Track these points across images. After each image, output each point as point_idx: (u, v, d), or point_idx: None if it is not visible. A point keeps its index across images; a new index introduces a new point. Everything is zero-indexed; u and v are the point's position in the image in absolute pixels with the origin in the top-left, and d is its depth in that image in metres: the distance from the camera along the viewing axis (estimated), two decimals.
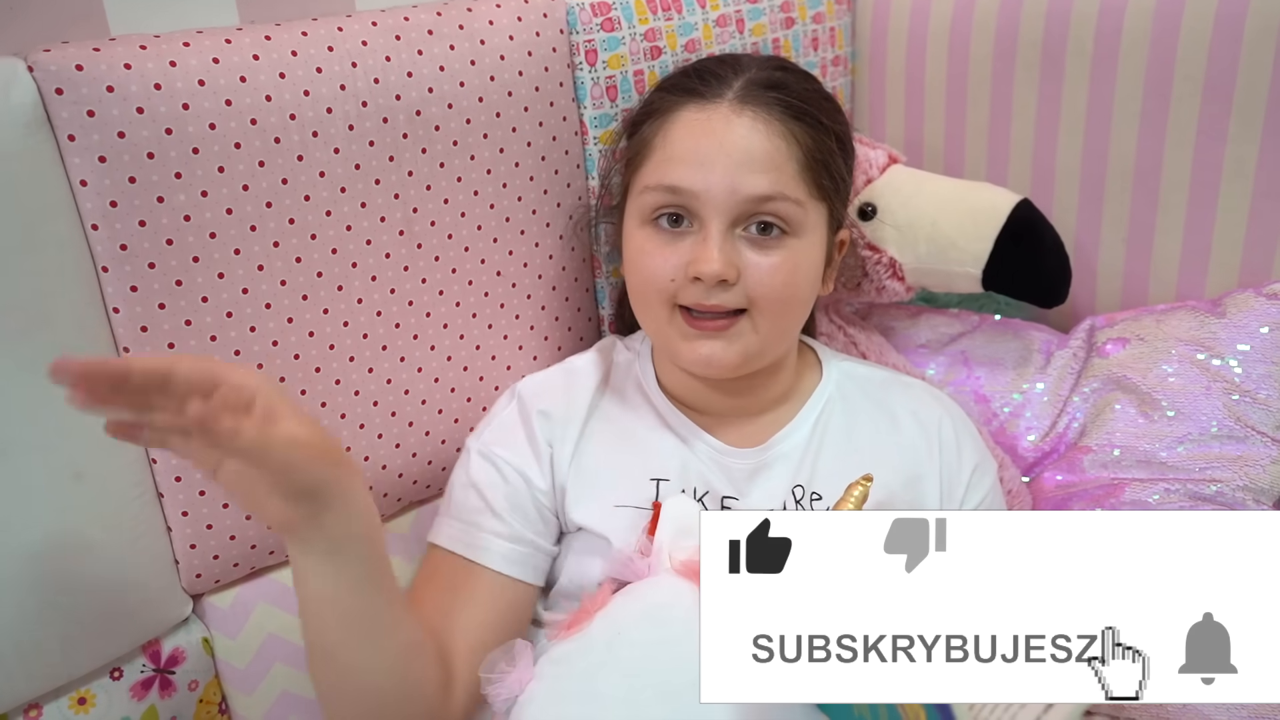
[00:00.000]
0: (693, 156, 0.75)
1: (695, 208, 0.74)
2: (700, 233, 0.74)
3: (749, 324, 0.74)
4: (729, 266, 0.72)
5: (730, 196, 0.73)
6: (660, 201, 0.75)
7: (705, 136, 0.75)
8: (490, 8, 0.84)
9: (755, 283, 0.73)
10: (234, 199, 0.71)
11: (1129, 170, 0.98)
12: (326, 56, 0.74)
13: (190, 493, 0.75)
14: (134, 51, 0.67)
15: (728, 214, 0.73)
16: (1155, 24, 0.92)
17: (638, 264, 0.77)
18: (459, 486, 0.77)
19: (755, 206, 0.73)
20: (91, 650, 0.73)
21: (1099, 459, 0.92)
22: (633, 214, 0.79)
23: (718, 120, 0.75)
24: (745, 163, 0.73)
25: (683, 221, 0.75)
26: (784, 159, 0.74)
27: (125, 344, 0.70)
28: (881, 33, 1.13)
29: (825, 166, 0.77)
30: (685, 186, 0.74)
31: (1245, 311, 0.91)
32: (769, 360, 0.78)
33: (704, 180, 0.73)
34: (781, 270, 0.74)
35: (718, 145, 0.74)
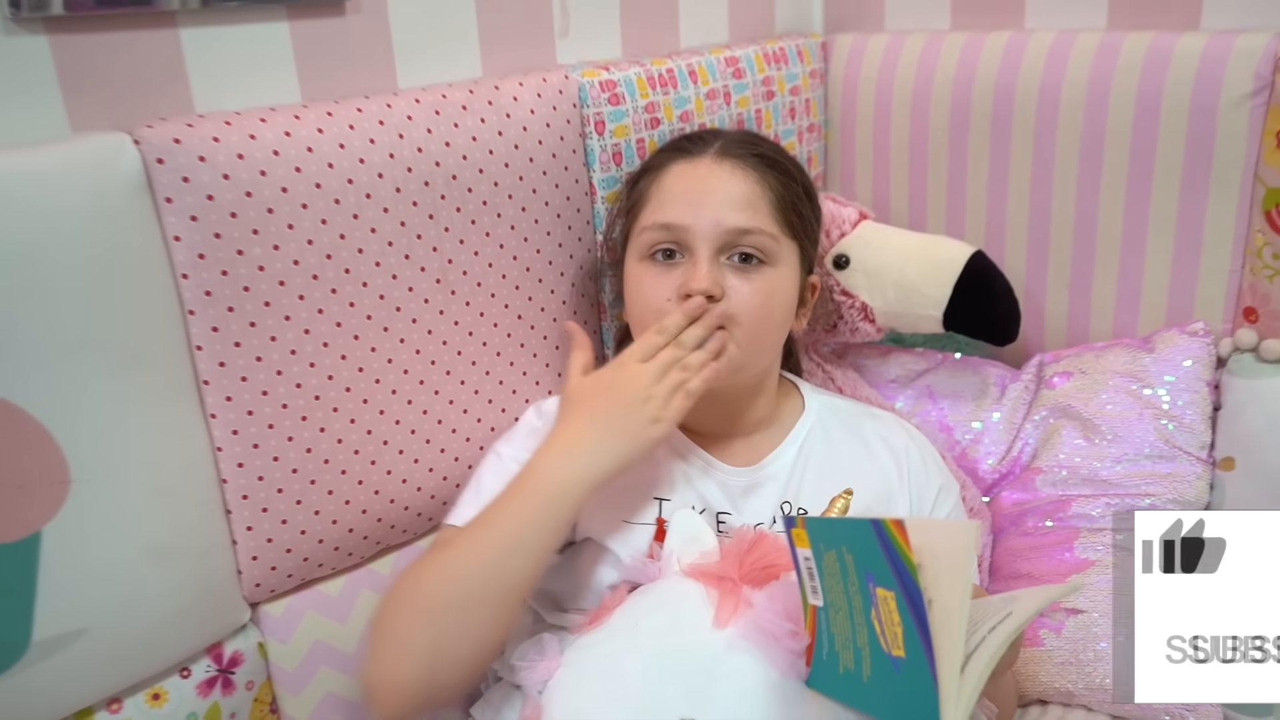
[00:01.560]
0: (683, 198, 0.88)
1: (686, 240, 0.86)
2: (690, 260, 0.86)
3: (730, 338, 0.86)
4: (715, 284, 0.84)
5: (715, 228, 0.86)
6: (656, 239, 0.88)
7: (693, 181, 0.89)
8: (514, 86, 0.96)
9: (737, 302, 0.85)
10: (300, 252, 0.82)
11: (1069, 225, 1.11)
12: (378, 129, 0.86)
13: (255, 510, 0.84)
14: (220, 127, 0.78)
15: (713, 243, 0.86)
16: (1088, 100, 1.06)
17: (637, 293, 0.89)
18: (487, 478, 0.87)
19: (736, 238, 0.86)
20: (166, 651, 0.82)
21: (1049, 478, 1.04)
22: (632, 254, 0.91)
23: (703, 168, 0.89)
24: (727, 201, 0.87)
25: (675, 255, 0.88)
26: (759, 199, 0.88)
27: (205, 378, 0.80)
28: (851, 104, 1.27)
29: (794, 208, 0.90)
30: (677, 223, 0.87)
31: (1171, 347, 1.04)
32: (751, 374, 0.90)
33: (693, 216, 0.86)
34: (760, 293, 0.86)
35: (704, 188, 0.88)
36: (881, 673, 0.61)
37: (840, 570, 0.64)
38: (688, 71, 1.09)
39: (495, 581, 0.76)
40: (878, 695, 0.62)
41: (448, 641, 0.75)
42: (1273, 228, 0.98)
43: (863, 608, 0.62)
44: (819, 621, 0.69)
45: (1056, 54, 1.08)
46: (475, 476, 0.90)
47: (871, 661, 0.62)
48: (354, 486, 0.90)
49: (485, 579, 0.76)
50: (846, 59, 1.27)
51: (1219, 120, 0.98)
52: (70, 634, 0.75)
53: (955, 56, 1.16)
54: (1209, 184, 1.00)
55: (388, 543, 0.96)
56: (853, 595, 0.63)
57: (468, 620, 0.75)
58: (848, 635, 0.64)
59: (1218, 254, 1.02)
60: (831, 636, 0.67)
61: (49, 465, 0.72)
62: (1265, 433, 0.96)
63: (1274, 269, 0.98)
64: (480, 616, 0.76)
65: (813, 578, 0.69)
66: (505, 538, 0.77)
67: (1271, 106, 0.96)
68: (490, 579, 0.76)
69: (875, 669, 0.62)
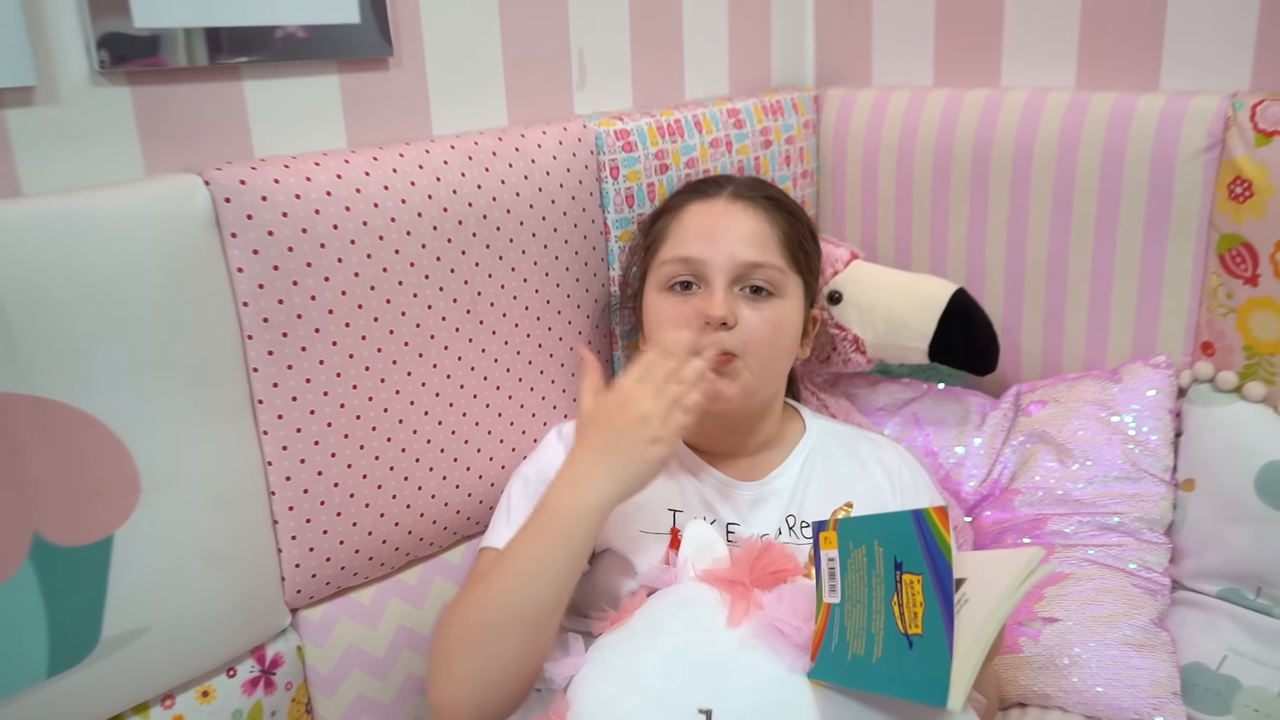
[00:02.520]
0: (701, 235, 0.97)
1: (703, 272, 0.95)
2: (707, 290, 0.95)
3: (744, 365, 0.94)
4: (730, 312, 0.93)
5: (730, 261, 0.94)
6: (675, 271, 0.97)
7: (710, 220, 0.97)
8: (538, 134, 1.05)
9: (749, 330, 0.94)
10: (348, 283, 0.90)
11: (1043, 265, 1.21)
12: (417, 173, 0.94)
13: (299, 520, 0.91)
14: (280, 170, 0.86)
15: (728, 275, 0.94)
16: (1058, 153, 1.16)
17: (658, 320, 0.97)
18: (515, 500, 0.94)
19: (748, 271, 0.95)
20: (215, 651, 0.88)
21: (1026, 499, 1.13)
22: (652, 286, 0.99)
23: (719, 208, 0.98)
24: (741, 238, 0.96)
25: (692, 286, 0.96)
26: (769, 237, 0.97)
27: (260, 397, 0.87)
28: (841, 152, 1.37)
29: (800, 245, 0.99)
30: (696, 256, 0.95)
31: (1136, 378, 1.13)
32: (761, 399, 0.98)
33: (710, 251, 0.95)
34: (769, 322, 0.95)
35: (720, 225, 0.97)
36: (894, 652, 0.69)
37: (867, 563, 0.72)
38: (693, 122, 1.18)
39: (522, 608, 0.81)
40: (887, 673, 0.69)
41: (488, 666, 0.80)
42: (1226, 270, 1.08)
43: (884, 596, 0.70)
44: (831, 617, 0.76)
45: (1030, 110, 1.18)
46: (504, 499, 0.96)
47: (885, 643, 0.69)
48: (388, 500, 0.97)
49: (513, 607, 0.81)
50: (837, 111, 1.36)
51: (1177, 173, 1.08)
52: (134, 631, 0.81)
53: (938, 111, 1.26)
54: (1168, 230, 1.10)
55: (416, 555, 1.02)
56: (875, 586, 0.71)
57: (503, 645, 0.81)
58: (862, 624, 0.72)
59: (1177, 294, 1.12)
60: (843, 629, 0.75)
61: (122, 475, 0.79)
62: (1222, 456, 1.05)
63: (1228, 307, 1.08)
64: (513, 641, 0.81)
65: (833, 577, 0.77)
66: (528, 568, 0.82)
67: (1223, 161, 1.06)
68: (517, 606, 0.81)
69: (888, 649, 0.69)
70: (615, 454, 0.83)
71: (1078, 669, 0.99)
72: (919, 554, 0.67)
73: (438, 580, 1.04)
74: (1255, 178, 1.02)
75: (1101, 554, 1.06)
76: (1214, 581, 1.05)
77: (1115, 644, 1.00)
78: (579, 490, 0.83)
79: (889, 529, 0.72)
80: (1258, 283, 1.05)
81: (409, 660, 1.01)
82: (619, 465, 0.83)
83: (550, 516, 0.83)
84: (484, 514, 1.05)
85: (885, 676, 0.71)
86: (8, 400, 0.72)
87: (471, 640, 0.81)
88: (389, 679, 1.00)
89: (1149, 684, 0.98)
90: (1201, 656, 1.01)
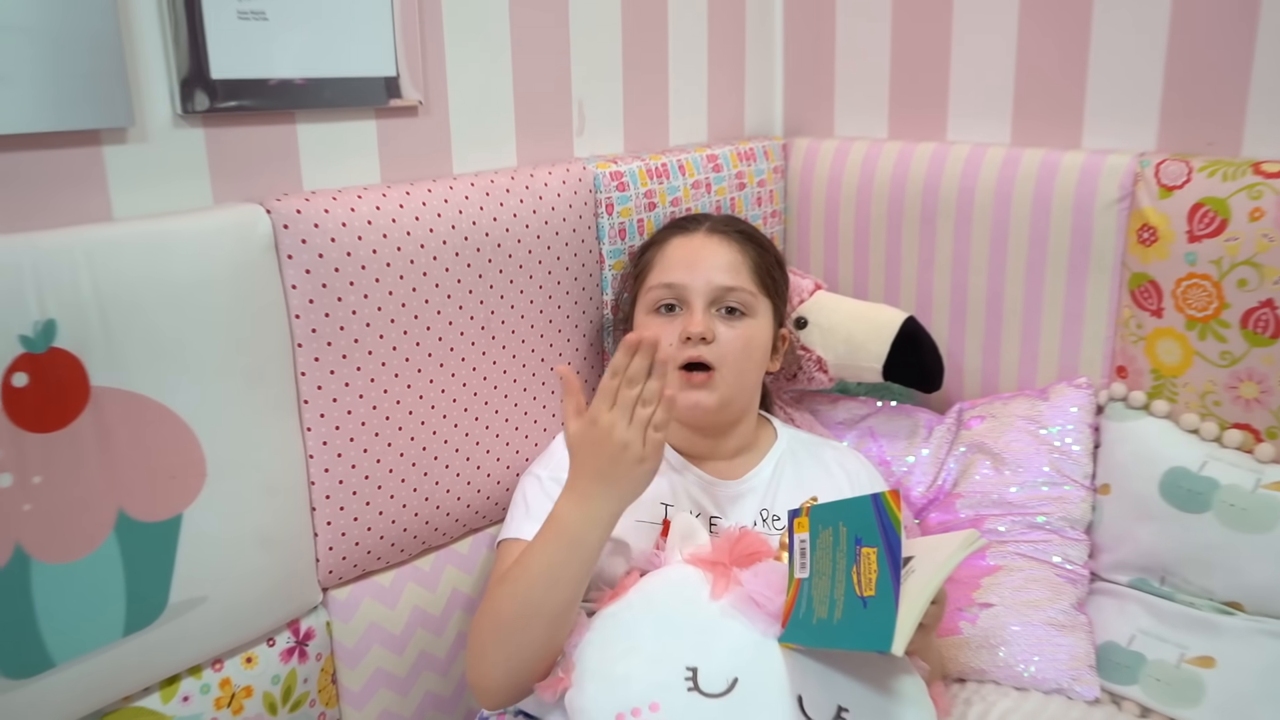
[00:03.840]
0: (683, 264, 1.12)
1: (685, 296, 1.10)
2: (688, 311, 1.09)
3: (720, 378, 1.08)
4: (708, 329, 1.07)
5: (707, 286, 1.09)
6: (661, 295, 1.11)
7: (690, 251, 1.13)
8: (545, 174, 1.20)
9: (724, 345, 1.08)
10: (383, 300, 1.03)
11: (982, 297, 1.37)
12: (443, 206, 1.08)
13: (334, 508, 1.03)
14: (329, 201, 0.99)
15: (706, 298, 1.09)
16: (995, 200, 1.33)
17: None
18: (531, 497, 1.07)
19: (723, 294, 1.10)
20: (259, 621, 1.00)
21: (967, 502, 1.28)
22: (641, 308, 1.14)
23: (698, 241, 1.14)
24: (716, 266, 1.11)
25: (675, 308, 1.11)
26: (741, 264, 1.12)
27: (305, 398, 1.00)
28: (806, 195, 1.53)
29: (768, 272, 1.15)
30: (679, 282, 1.10)
31: (1062, 397, 1.29)
32: (736, 407, 1.12)
33: (690, 277, 1.10)
34: (741, 338, 1.10)
35: (699, 256, 1.12)
36: (851, 612, 0.83)
37: (833, 542, 0.87)
38: (678, 166, 1.34)
39: (542, 606, 0.92)
40: (846, 630, 0.84)
41: (516, 652, 0.93)
42: (1136, 304, 1.25)
43: (845, 567, 0.84)
44: (801, 590, 0.90)
45: (971, 162, 1.35)
46: (520, 496, 1.09)
47: (845, 605, 0.84)
48: (409, 493, 1.09)
49: (533, 606, 0.92)
50: (803, 158, 1.53)
51: (1094, 220, 1.25)
52: (195, 599, 0.93)
53: (892, 160, 1.43)
54: (1088, 269, 1.27)
55: (430, 544, 1.15)
56: (838, 560, 0.86)
57: (528, 636, 0.92)
58: (826, 593, 0.86)
59: (1096, 324, 1.28)
60: (810, 598, 0.89)
61: (193, 460, 0.91)
62: (1132, 464, 1.21)
63: (1138, 336, 1.25)
64: (536, 633, 0.92)
65: (804, 555, 0.92)
66: (544, 573, 0.92)
67: (1133, 211, 1.23)
68: (537, 605, 0.92)
69: (846, 610, 0.83)
70: (610, 478, 0.92)
71: (1008, 647, 1.14)
72: (876, 530, 0.82)
73: (448, 568, 1.16)
74: (1159, 225, 1.20)
75: (1030, 549, 1.21)
76: (1126, 572, 1.20)
77: (1041, 625, 1.15)
78: (585, 505, 0.92)
79: (853, 511, 0.87)
80: (1162, 315, 1.22)
81: (422, 638, 1.13)
82: (616, 486, 0.92)
83: (563, 529, 0.92)
84: (490, 509, 1.19)
85: (844, 633, 0.85)
86: (105, 393, 0.84)
87: (502, 634, 0.93)
88: (404, 654, 1.12)
89: (1069, 659, 1.13)
90: (1114, 636, 1.16)
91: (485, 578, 1.18)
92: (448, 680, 1.16)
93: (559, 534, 0.93)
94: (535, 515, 1.04)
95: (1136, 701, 1.11)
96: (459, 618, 1.16)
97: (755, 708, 0.87)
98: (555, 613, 0.92)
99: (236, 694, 0.98)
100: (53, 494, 0.82)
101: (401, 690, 1.13)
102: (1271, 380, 1.13)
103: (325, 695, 1.07)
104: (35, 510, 0.82)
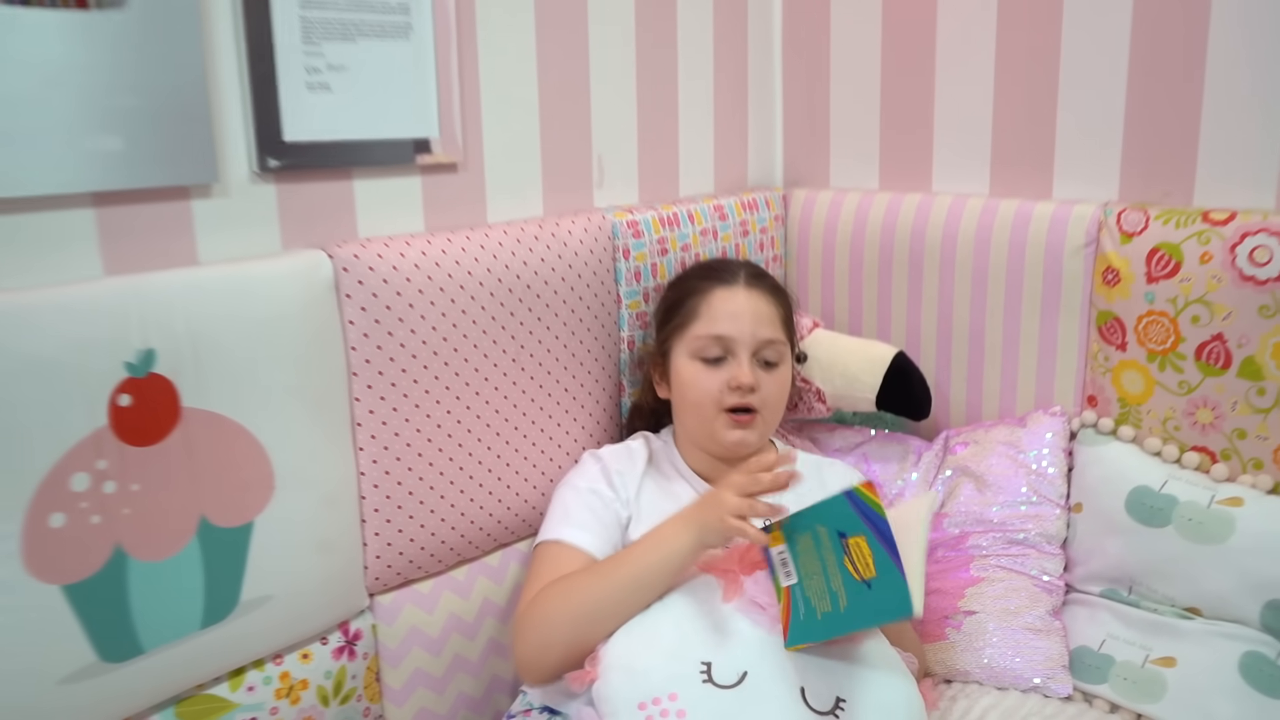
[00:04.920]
0: (728, 316, 1.24)
1: (731, 347, 1.23)
2: (734, 361, 1.22)
3: (762, 419, 1.22)
4: (756, 379, 1.21)
5: (753, 339, 1.23)
6: (708, 346, 1.24)
7: (735, 304, 1.25)
8: (569, 223, 1.33)
9: (766, 391, 1.22)
10: (429, 336, 1.16)
11: (965, 334, 1.50)
12: (479, 251, 1.22)
13: (381, 521, 1.15)
14: (382, 248, 1.13)
15: (750, 349, 1.23)
16: (975, 244, 1.46)
17: (695, 384, 1.23)
18: (572, 505, 1.18)
19: (764, 345, 1.23)
20: (315, 621, 1.11)
21: (953, 520, 1.39)
22: (683, 353, 1.26)
23: (740, 294, 1.26)
24: (758, 319, 1.24)
25: (721, 358, 1.23)
26: (775, 317, 1.26)
27: (359, 421, 1.12)
28: (804, 241, 1.66)
29: (790, 321, 1.28)
30: (727, 334, 1.23)
31: (1038, 424, 1.41)
32: (766, 441, 1.25)
33: (737, 329, 1.23)
34: (779, 384, 1.24)
35: (742, 309, 1.24)
36: (857, 596, 0.94)
37: (814, 544, 0.98)
38: (687, 215, 1.48)
39: (622, 604, 1.05)
40: (858, 613, 0.94)
41: (582, 637, 1.05)
42: (1103, 339, 1.37)
43: (836, 561, 0.95)
44: (793, 596, 1.01)
45: (953, 211, 1.49)
46: (559, 504, 1.21)
47: (847, 594, 0.94)
48: (448, 509, 1.21)
49: (616, 602, 1.05)
50: (801, 208, 1.67)
51: (1064, 262, 1.38)
52: (262, 598, 1.05)
53: (882, 209, 1.56)
54: (1059, 307, 1.40)
55: (464, 556, 1.26)
56: (826, 557, 0.96)
57: (599, 625, 1.05)
58: (822, 588, 0.97)
59: (1068, 357, 1.41)
60: (807, 599, 1.00)
61: (264, 474, 1.04)
62: (1102, 484, 1.32)
63: (1105, 368, 1.38)
64: (608, 624, 1.05)
65: (785, 565, 1.03)
66: (634, 577, 1.06)
67: (1098, 255, 1.36)
68: (619, 603, 1.05)
69: (851, 597, 0.94)
70: (700, 523, 1.05)
71: (990, 649, 1.25)
72: (858, 521, 0.94)
73: (480, 579, 1.28)
74: (1121, 267, 1.33)
75: (1010, 562, 1.32)
76: (1097, 583, 1.32)
77: (1019, 629, 1.26)
78: (684, 536, 1.05)
79: (827, 512, 0.98)
80: (1126, 349, 1.34)
81: (456, 642, 1.24)
82: (706, 533, 1.05)
83: (660, 545, 1.06)
84: (518, 525, 1.31)
85: (857, 616, 0.95)
86: (193, 413, 0.97)
87: (578, 618, 1.06)
88: (440, 656, 1.23)
89: (1044, 659, 1.24)
90: (1087, 641, 1.27)
91: (514, 589, 1.30)
92: (479, 681, 1.28)
93: (657, 546, 1.07)
94: (575, 520, 1.16)
95: (1106, 699, 1.22)
96: (489, 625, 1.28)
97: (763, 697, 0.98)
98: (629, 611, 1.05)
99: (294, 686, 1.09)
100: (148, 500, 0.95)
101: (437, 690, 1.24)
102: (1224, 407, 1.26)
103: (370, 691, 1.18)
104: (133, 514, 0.94)
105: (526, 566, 1.29)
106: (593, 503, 1.19)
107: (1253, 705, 1.13)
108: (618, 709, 1.00)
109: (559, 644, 1.06)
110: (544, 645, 1.07)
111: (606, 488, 1.21)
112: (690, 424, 1.26)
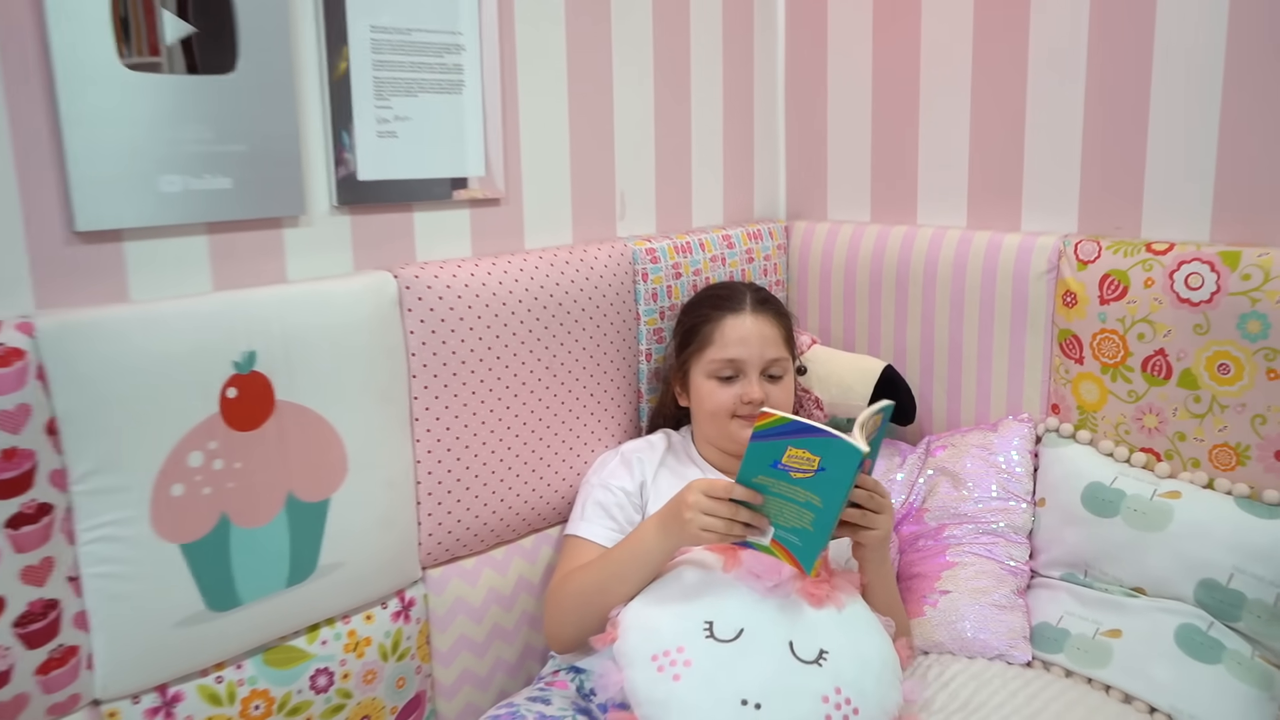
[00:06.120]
0: (739, 341, 1.43)
1: (742, 367, 1.42)
2: (745, 379, 1.41)
3: None
4: (763, 395, 1.40)
5: (760, 359, 1.42)
6: (722, 368, 1.43)
7: (744, 330, 1.44)
8: (595, 249, 1.53)
9: (772, 400, 1.41)
10: (475, 345, 1.36)
11: (945, 350, 1.68)
12: (519, 274, 1.42)
13: (434, 503, 1.35)
14: (437, 269, 1.33)
15: (758, 368, 1.42)
16: (954, 270, 1.65)
17: (712, 398, 1.42)
18: (588, 504, 1.38)
19: (770, 363, 1.42)
20: (378, 587, 1.30)
21: (933, 515, 1.57)
22: (700, 372, 1.45)
23: (747, 320, 1.45)
24: (764, 341, 1.43)
25: (733, 376, 1.42)
26: (778, 337, 1.45)
27: (416, 416, 1.32)
28: (804, 267, 1.86)
29: (791, 339, 1.47)
30: (738, 358, 1.42)
31: (1009, 429, 1.59)
32: None
33: (747, 353, 1.42)
34: (783, 393, 1.43)
35: (751, 334, 1.43)
36: (820, 486, 1.09)
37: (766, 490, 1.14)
38: (699, 243, 1.67)
39: (608, 593, 1.24)
40: (830, 495, 1.09)
41: (585, 617, 1.25)
42: (1064, 354, 1.55)
43: (788, 483, 1.11)
44: (781, 541, 1.18)
45: (935, 242, 1.68)
46: (581, 502, 1.41)
47: (814, 492, 1.09)
48: (489, 496, 1.40)
49: (603, 591, 1.24)
50: (801, 237, 1.86)
51: (1030, 286, 1.57)
52: (336, 564, 1.24)
53: (873, 239, 1.76)
54: (1026, 326, 1.58)
55: (502, 538, 1.45)
56: (780, 489, 1.12)
57: (595, 607, 1.24)
58: (796, 510, 1.12)
59: (1035, 370, 1.59)
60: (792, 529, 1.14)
61: (339, 458, 1.23)
62: (1062, 481, 1.50)
63: (1066, 379, 1.56)
64: (602, 608, 1.24)
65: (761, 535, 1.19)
66: (615, 571, 1.25)
67: (1059, 280, 1.54)
68: (606, 591, 1.24)
69: (818, 491, 1.09)
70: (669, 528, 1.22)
71: (961, 623, 1.42)
72: (778, 444, 1.10)
73: (516, 559, 1.46)
74: (1078, 291, 1.51)
75: (982, 549, 1.50)
76: (1058, 569, 1.49)
77: (987, 606, 1.43)
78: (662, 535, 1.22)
79: (753, 462, 1.13)
80: (1083, 362, 1.52)
81: (495, 613, 1.43)
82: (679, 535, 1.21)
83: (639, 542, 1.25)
84: (549, 513, 1.49)
85: (833, 497, 1.09)
86: (285, 405, 1.17)
87: (576, 603, 1.27)
88: (481, 624, 1.41)
89: (1007, 631, 1.41)
90: (1047, 618, 1.44)
91: (545, 569, 1.48)
92: (514, 648, 1.46)
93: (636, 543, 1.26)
94: (588, 516, 1.36)
95: (1061, 665, 1.39)
96: (523, 599, 1.46)
97: (757, 649, 1.16)
98: (618, 597, 1.23)
99: (359, 643, 1.28)
100: (248, 476, 1.14)
101: (479, 654, 1.42)
102: (1166, 413, 1.44)
103: (422, 652, 1.36)
104: (236, 488, 1.14)
105: (556, 549, 1.48)
106: (605, 499, 1.38)
107: (1186, 669, 1.30)
108: (634, 661, 1.18)
109: (569, 623, 1.28)
110: (559, 623, 1.30)
111: (624, 476, 1.40)
112: (707, 428, 1.45)
